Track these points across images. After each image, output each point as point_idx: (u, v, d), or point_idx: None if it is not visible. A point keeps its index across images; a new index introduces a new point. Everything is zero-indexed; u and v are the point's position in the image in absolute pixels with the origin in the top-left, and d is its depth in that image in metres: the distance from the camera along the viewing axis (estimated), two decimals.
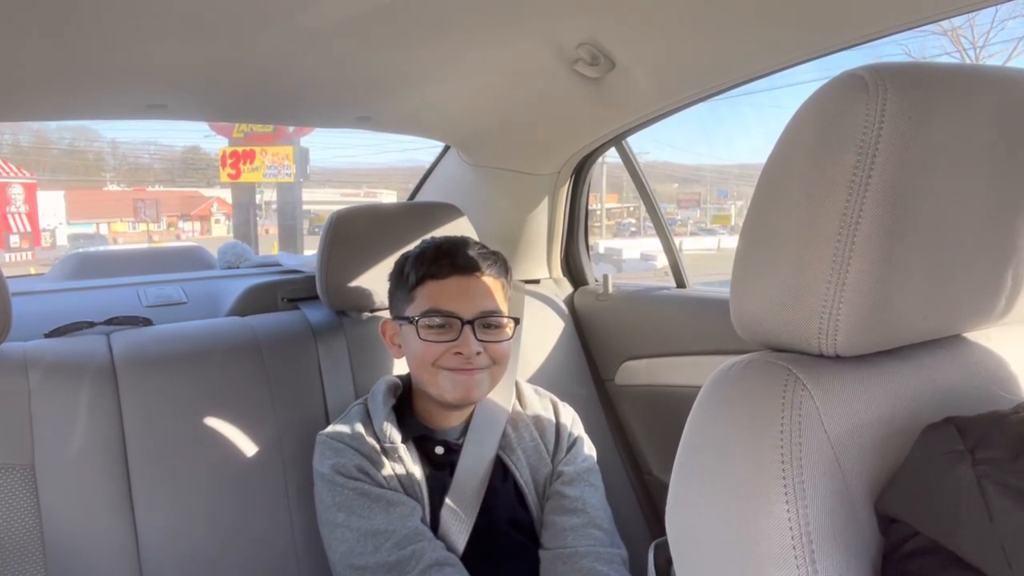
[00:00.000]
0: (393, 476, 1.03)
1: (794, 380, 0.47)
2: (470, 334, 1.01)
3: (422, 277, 1.04)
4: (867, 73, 0.45)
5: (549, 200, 1.58)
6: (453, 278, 1.03)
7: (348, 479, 1.02)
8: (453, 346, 1.01)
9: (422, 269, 1.04)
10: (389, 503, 1.00)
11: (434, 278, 1.03)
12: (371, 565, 0.96)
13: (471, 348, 1.01)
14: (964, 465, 0.43)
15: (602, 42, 1.05)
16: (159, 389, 1.14)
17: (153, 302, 1.41)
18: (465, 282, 1.03)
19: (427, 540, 0.98)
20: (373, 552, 0.97)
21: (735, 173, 21.83)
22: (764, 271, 0.50)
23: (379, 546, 0.97)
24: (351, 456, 1.03)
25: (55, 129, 24.11)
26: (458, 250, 1.05)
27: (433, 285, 1.03)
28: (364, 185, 23.93)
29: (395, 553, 0.96)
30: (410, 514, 1.00)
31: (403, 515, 0.99)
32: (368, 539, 0.98)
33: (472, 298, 1.03)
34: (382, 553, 0.96)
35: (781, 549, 0.44)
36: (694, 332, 1.34)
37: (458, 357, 1.01)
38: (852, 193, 0.44)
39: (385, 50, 1.09)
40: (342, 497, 1.01)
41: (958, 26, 7.50)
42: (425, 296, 1.03)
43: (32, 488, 1.03)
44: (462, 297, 1.02)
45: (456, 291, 1.02)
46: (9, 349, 1.10)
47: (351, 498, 1.00)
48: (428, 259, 1.04)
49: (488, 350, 1.03)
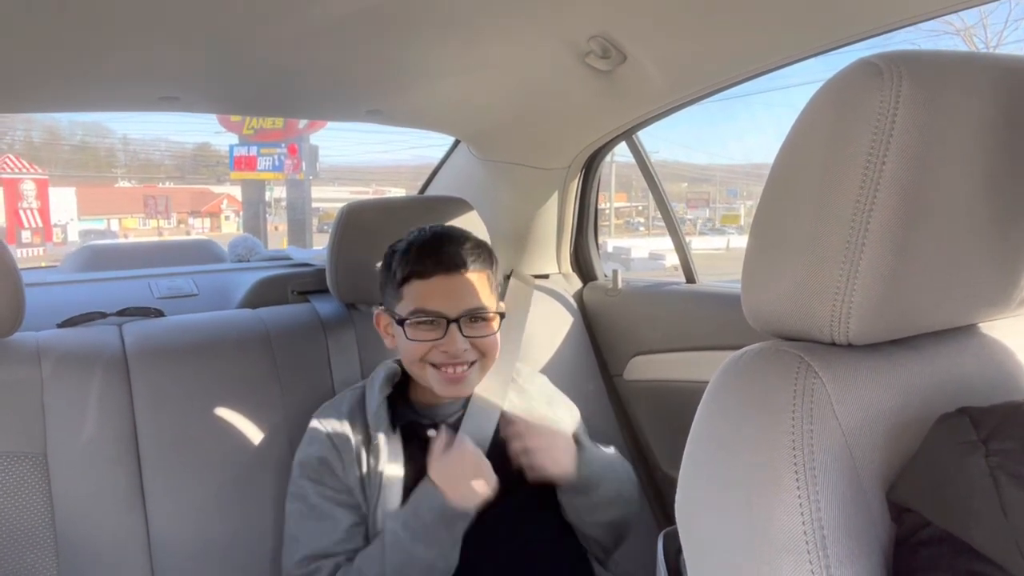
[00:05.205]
0: (357, 469, 1.05)
1: (806, 368, 0.47)
2: (456, 332, 1.03)
3: (407, 276, 1.05)
4: (881, 60, 0.45)
5: (559, 195, 1.58)
6: (438, 277, 1.04)
7: (302, 476, 1.07)
8: (440, 344, 1.04)
9: (407, 268, 1.05)
10: (320, 515, 1.03)
11: (419, 277, 1.04)
12: (284, 566, 1.05)
13: (458, 346, 1.03)
14: (977, 456, 0.42)
15: (614, 35, 1.05)
16: (170, 380, 1.15)
17: (165, 294, 1.42)
18: (449, 280, 1.04)
19: (332, 557, 1.01)
20: (288, 556, 1.05)
21: (745, 172, 21.75)
22: (776, 258, 0.49)
23: (292, 553, 1.04)
24: (319, 447, 1.07)
25: (67, 125, 24.32)
26: (442, 247, 1.05)
27: (419, 284, 1.04)
28: (373, 183, 24.00)
29: (301, 567, 1.02)
30: (332, 530, 1.02)
31: (325, 531, 1.02)
32: (289, 542, 1.05)
33: (458, 297, 1.04)
34: (292, 560, 1.03)
35: (792, 537, 0.44)
36: (704, 327, 1.33)
37: (445, 354, 1.04)
38: (866, 180, 0.44)
39: (396, 44, 1.09)
40: (292, 489, 1.08)
41: (971, 25, 7.43)
42: (411, 295, 1.05)
43: (44, 476, 1.04)
44: (447, 296, 1.04)
45: (441, 290, 1.04)
46: (22, 339, 1.11)
47: (295, 495, 1.07)
48: (413, 258, 1.05)
49: (475, 344, 1.05)
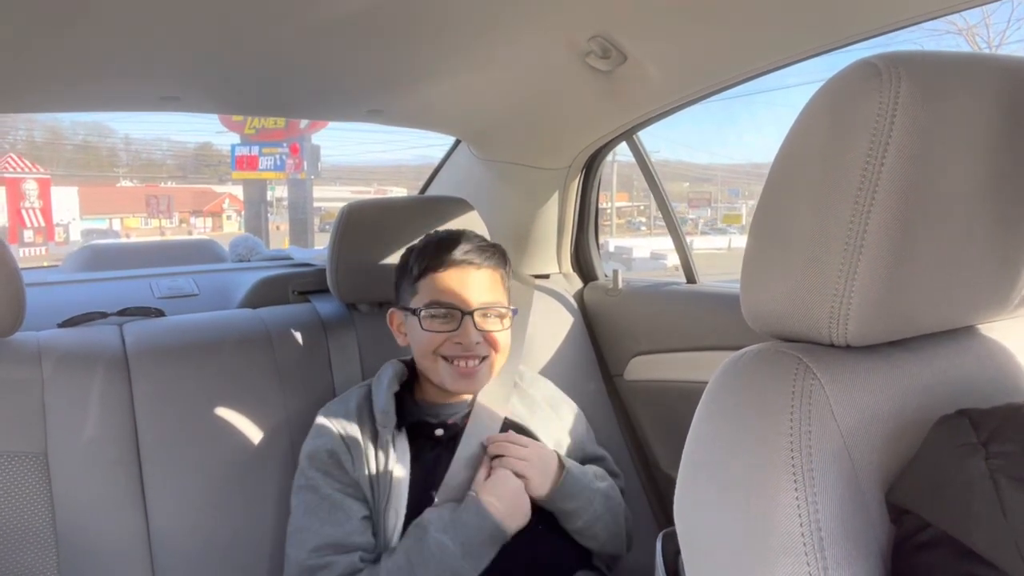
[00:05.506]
0: (365, 466, 1.05)
1: (804, 369, 0.47)
2: (470, 324, 1.06)
3: (424, 270, 1.09)
4: (880, 61, 0.45)
5: (559, 195, 1.58)
6: (453, 271, 1.08)
7: (311, 467, 1.07)
8: (454, 336, 1.07)
9: (424, 262, 1.09)
10: (333, 505, 1.03)
11: (435, 271, 1.08)
12: (292, 557, 1.04)
13: (470, 338, 1.06)
14: (977, 458, 0.42)
15: (614, 35, 1.05)
16: (171, 379, 1.15)
17: (165, 294, 1.42)
18: (465, 275, 1.08)
19: (344, 554, 1.01)
20: (297, 546, 1.03)
21: (746, 172, 21.73)
22: (775, 259, 0.49)
23: (303, 543, 1.03)
24: (327, 440, 1.07)
25: (69, 125, 24.33)
26: (458, 244, 1.09)
27: (435, 278, 1.08)
28: (375, 182, 24.01)
29: (312, 557, 1.01)
30: (345, 520, 1.02)
31: (337, 521, 1.02)
32: (298, 533, 1.04)
33: (472, 290, 1.08)
34: (302, 552, 1.02)
35: (790, 538, 0.44)
36: (704, 328, 1.33)
37: (458, 346, 1.07)
38: (865, 180, 0.44)
39: (397, 44, 1.09)
40: (301, 482, 1.07)
41: (973, 25, 7.42)
42: (427, 288, 1.08)
43: (45, 476, 1.04)
44: (462, 289, 1.07)
45: (456, 283, 1.08)
46: (23, 339, 1.11)
47: (304, 487, 1.06)
48: (430, 253, 1.09)
49: (487, 339, 1.08)
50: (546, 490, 1.04)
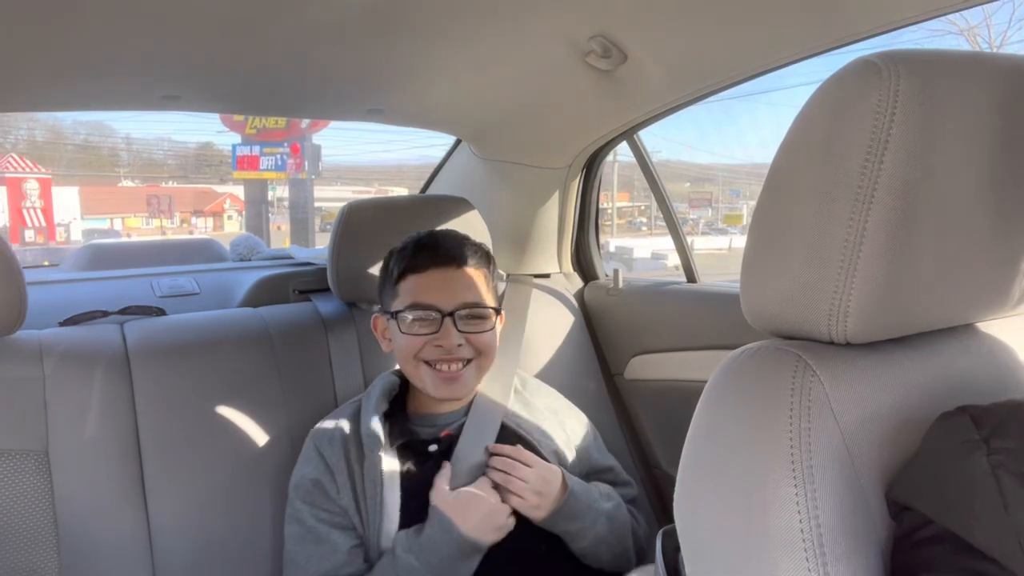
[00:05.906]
0: (351, 492, 1.02)
1: (804, 366, 0.47)
2: (451, 326, 1.02)
3: (403, 271, 1.05)
4: (879, 59, 0.45)
5: (560, 194, 1.58)
6: (433, 271, 1.04)
7: (297, 498, 1.05)
8: (434, 338, 1.02)
9: (403, 263, 1.05)
10: (318, 539, 1.02)
11: (415, 272, 1.04)
12: None
13: (451, 341, 1.01)
14: (979, 455, 0.42)
15: (614, 34, 1.05)
16: (171, 378, 1.15)
17: (166, 292, 1.42)
18: (445, 274, 1.04)
19: None
20: None
21: (747, 172, 21.71)
22: (775, 256, 0.49)
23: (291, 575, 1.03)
24: (312, 467, 1.05)
25: (70, 124, 24.35)
26: (438, 243, 1.06)
27: (414, 279, 1.04)
28: (376, 182, 24.01)
29: None
30: (331, 554, 1.00)
31: (324, 555, 1.00)
32: (291, 563, 1.04)
33: (453, 290, 1.03)
34: None
35: (790, 534, 0.44)
36: (705, 327, 1.33)
37: (439, 349, 1.02)
38: (864, 178, 0.44)
39: (397, 43, 1.09)
40: (289, 511, 1.06)
41: (974, 24, 7.41)
42: (407, 290, 1.04)
43: (46, 474, 1.04)
44: (442, 289, 1.03)
45: (436, 284, 1.03)
46: (24, 337, 1.12)
47: (291, 518, 1.05)
48: (409, 253, 1.05)
49: (470, 341, 1.03)
50: (545, 512, 1.00)
